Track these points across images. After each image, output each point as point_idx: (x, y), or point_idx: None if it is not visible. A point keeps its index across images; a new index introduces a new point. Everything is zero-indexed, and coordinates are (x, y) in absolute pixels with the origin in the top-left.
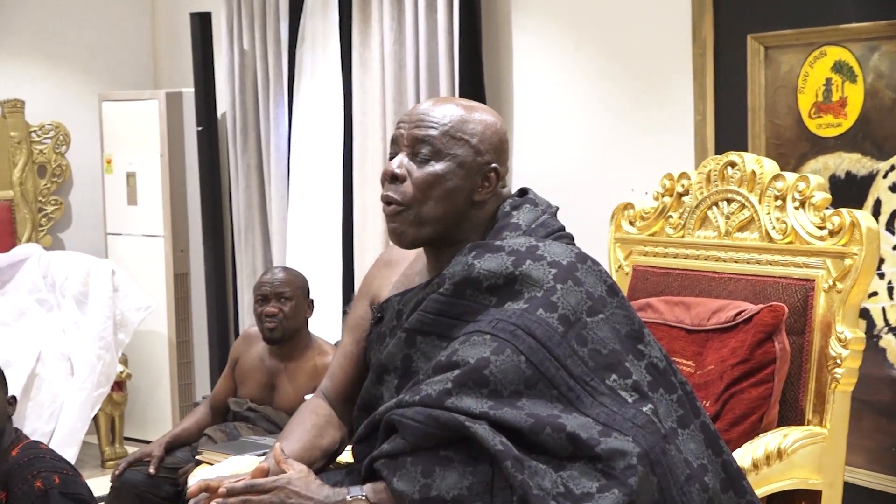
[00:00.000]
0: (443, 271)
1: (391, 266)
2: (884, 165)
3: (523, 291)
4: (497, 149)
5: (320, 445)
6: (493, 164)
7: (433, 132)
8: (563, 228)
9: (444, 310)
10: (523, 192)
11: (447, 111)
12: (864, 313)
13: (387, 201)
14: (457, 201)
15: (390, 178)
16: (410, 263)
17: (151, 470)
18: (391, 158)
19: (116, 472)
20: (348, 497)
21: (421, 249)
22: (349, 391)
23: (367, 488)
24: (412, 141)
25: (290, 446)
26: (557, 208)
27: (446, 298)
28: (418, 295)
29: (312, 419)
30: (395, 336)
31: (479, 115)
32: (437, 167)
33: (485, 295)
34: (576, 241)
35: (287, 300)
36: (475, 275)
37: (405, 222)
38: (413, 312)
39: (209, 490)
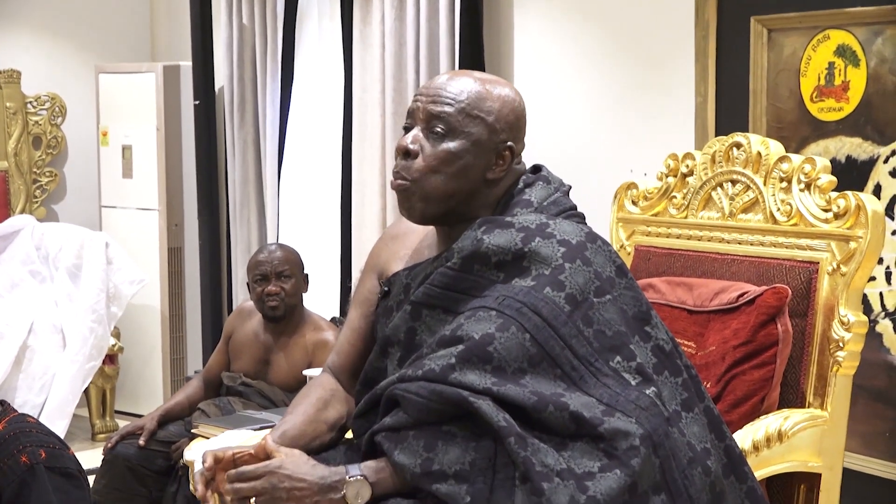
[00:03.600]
0: (452, 245)
1: (398, 239)
2: (885, 150)
3: (531, 268)
4: (513, 126)
5: (325, 418)
6: (509, 143)
7: (449, 109)
8: (574, 207)
9: (451, 284)
10: (537, 168)
11: (465, 86)
12: (862, 298)
13: (395, 176)
14: (469, 178)
15: (403, 154)
16: (420, 237)
17: (141, 442)
18: (406, 130)
19: (108, 445)
20: (347, 477)
21: None
22: (357, 366)
23: (366, 467)
24: (427, 116)
25: (293, 420)
26: (570, 187)
27: (454, 272)
28: (426, 269)
29: (318, 393)
30: (401, 310)
31: (498, 91)
32: (451, 145)
33: (492, 270)
34: None
35: (287, 278)
36: (483, 250)
37: (413, 198)
38: (420, 286)
39: (217, 461)
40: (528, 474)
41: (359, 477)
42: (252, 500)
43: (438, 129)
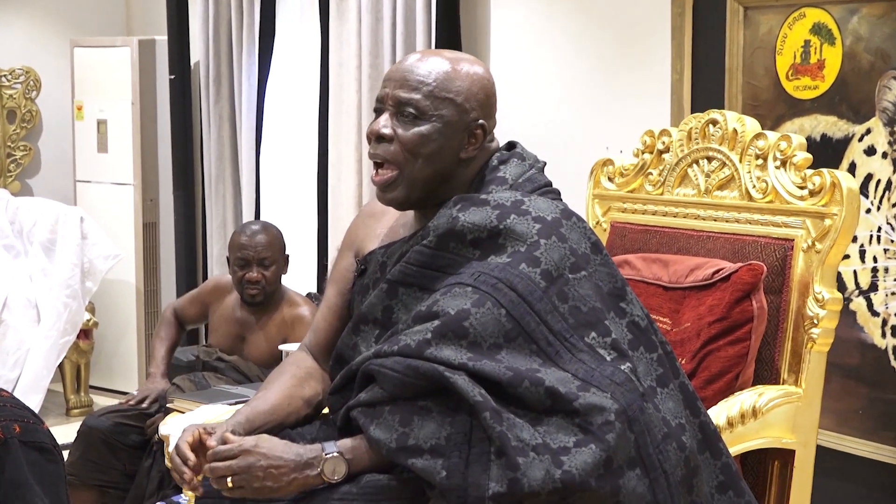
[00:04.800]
0: (427, 223)
1: (376, 218)
2: (859, 129)
3: (507, 245)
4: (483, 104)
5: (302, 395)
6: (480, 121)
7: (417, 95)
8: (549, 183)
9: (427, 262)
10: (511, 145)
11: (432, 68)
12: (836, 276)
13: (377, 161)
14: (444, 160)
15: (377, 138)
16: (396, 216)
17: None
18: (377, 115)
19: (128, 405)
20: (324, 454)
21: None
22: (333, 343)
23: (342, 444)
24: (396, 102)
25: (270, 396)
26: (545, 163)
27: (429, 250)
28: (402, 247)
29: (293, 370)
30: (377, 288)
31: (466, 69)
32: (423, 128)
33: (468, 248)
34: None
35: (269, 266)
36: (459, 227)
37: (397, 187)
38: (397, 264)
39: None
40: (503, 449)
41: (335, 454)
42: (229, 479)
43: (409, 113)
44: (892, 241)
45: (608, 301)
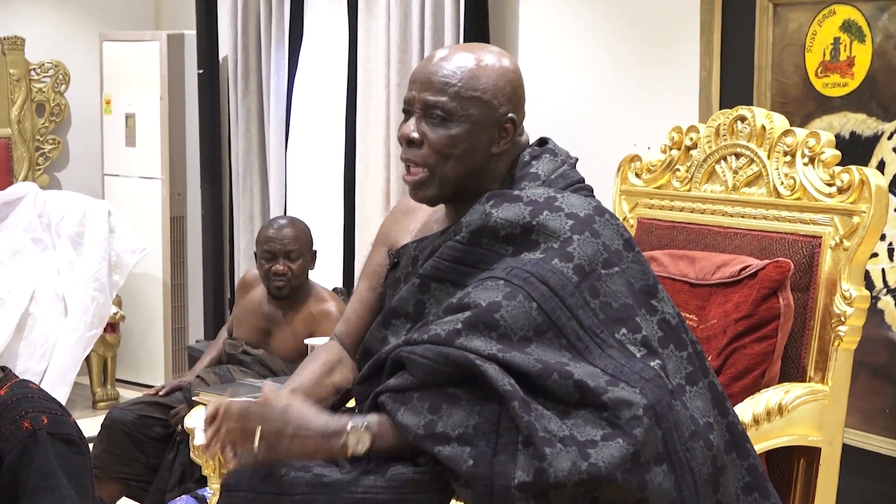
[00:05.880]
0: (460, 219)
1: (410, 214)
2: (889, 126)
3: (539, 242)
4: (511, 98)
5: (332, 381)
6: (510, 115)
7: (443, 98)
8: (582, 180)
9: (459, 257)
10: (543, 141)
11: (456, 67)
12: (864, 275)
13: (409, 165)
14: (476, 157)
15: (407, 143)
16: (430, 212)
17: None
18: (405, 118)
19: (161, 394)
20: (349, 426)
21: None
22: (363, 336)
23: (369, 418)
24: (423, 105)
25: (300, 380)
26: (577, 159)
27: (462, 246)
28: (435, 241)
29: (325, 357)
30: (409, 282)
31: (491, 64)
32: (453, 130)
33: (501, 244)
34: None
35: (295, 259)
36: (492, 223)
37: (429, 188)
38: (429, 259)
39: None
40: (530, 439)
41: (360, 426)
42: (256, 441)
43: (436, 115)
44: None
45: (640, 298)
